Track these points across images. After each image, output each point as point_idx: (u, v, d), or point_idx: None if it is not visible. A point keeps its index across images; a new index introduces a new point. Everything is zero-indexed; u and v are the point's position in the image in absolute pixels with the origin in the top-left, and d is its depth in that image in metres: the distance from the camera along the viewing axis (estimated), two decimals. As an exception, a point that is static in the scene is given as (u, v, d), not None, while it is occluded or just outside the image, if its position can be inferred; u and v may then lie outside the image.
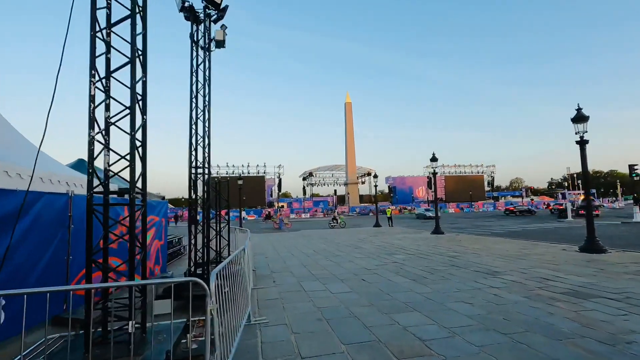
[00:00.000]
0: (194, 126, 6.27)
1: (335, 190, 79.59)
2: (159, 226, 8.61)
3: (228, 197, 8.04)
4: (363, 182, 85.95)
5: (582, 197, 67.84)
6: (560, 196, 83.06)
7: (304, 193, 77.38)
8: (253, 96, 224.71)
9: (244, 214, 55.29)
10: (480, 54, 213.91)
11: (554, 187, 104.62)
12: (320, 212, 65.17)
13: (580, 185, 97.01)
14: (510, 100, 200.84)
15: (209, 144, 6.38)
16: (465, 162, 78.01)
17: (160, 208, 8.74)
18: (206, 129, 6.42)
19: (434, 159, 20.60)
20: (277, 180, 69.61)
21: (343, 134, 77.89)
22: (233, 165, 66.96)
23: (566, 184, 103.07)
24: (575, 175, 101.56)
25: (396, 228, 26.15)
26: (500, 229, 22.38)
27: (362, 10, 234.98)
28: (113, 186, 5.06)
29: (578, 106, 11.74)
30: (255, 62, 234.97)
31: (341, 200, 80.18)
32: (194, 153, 6.27)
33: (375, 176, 31.27)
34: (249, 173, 67.77)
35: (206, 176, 6.28)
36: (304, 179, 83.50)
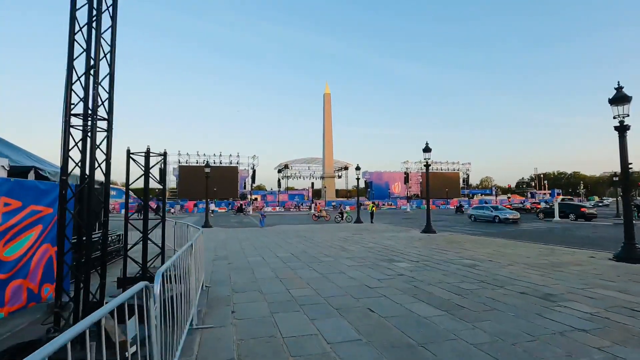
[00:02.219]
0: (81, 39, 3.27)
1: (312, 184, 76.84)
2: (54, 223, 5.52)
3: (164, 181, 5.09)
4: (340, 177, 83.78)
5: (549, 196, 69.48)
6: (529, 195, 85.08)
7: (279, 186, 74.06)
8: (226, 83, 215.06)
9: (213, 206, 51.30)
10: (461, 55, 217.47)
11: (524, 186, 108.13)
12: (295, 206, 62.12)
13: (547, 185, 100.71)
14: (483, 101, 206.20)
15: (111, 75, 3.37)
16: (442, 159, 77.38)
17: (58, 195, 5.63)
18: (106, 47, 3.40)
19: (427, 149, 18.36)
20: (251, 172, 65.68)
21: (320, 126, 74.93)
22: (204, 155, 62.27)
23: (534, 184, 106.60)
24: (542, 175, 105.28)
25: (379, 225, 23.89)
26: (492, 229, 20.67)
27: (346, 5, 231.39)
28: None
29: (618, 84, 9.73)
30: (231, 47, 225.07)
31: (317, 194, 77.56)
32: (79, 91, 3.27)
33: (358, 168, 28.80)
34: (221, 163, 63.32)
35: (101, 134, 3.30)
36: (279, 171, 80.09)
